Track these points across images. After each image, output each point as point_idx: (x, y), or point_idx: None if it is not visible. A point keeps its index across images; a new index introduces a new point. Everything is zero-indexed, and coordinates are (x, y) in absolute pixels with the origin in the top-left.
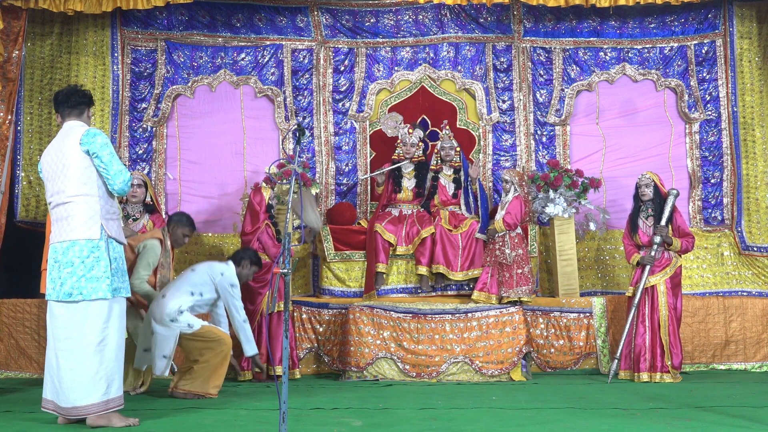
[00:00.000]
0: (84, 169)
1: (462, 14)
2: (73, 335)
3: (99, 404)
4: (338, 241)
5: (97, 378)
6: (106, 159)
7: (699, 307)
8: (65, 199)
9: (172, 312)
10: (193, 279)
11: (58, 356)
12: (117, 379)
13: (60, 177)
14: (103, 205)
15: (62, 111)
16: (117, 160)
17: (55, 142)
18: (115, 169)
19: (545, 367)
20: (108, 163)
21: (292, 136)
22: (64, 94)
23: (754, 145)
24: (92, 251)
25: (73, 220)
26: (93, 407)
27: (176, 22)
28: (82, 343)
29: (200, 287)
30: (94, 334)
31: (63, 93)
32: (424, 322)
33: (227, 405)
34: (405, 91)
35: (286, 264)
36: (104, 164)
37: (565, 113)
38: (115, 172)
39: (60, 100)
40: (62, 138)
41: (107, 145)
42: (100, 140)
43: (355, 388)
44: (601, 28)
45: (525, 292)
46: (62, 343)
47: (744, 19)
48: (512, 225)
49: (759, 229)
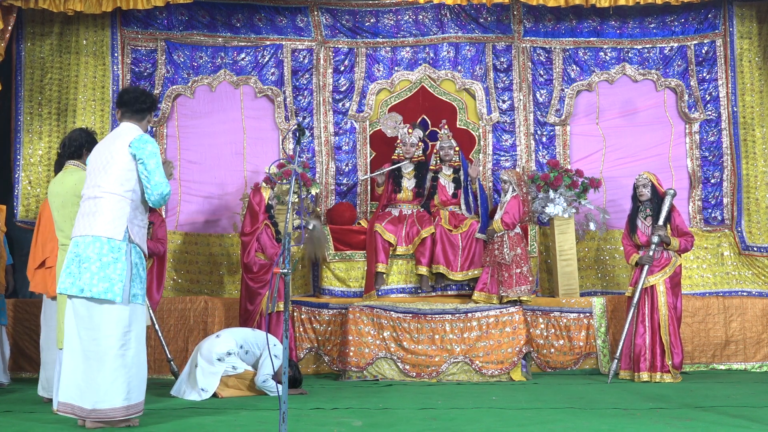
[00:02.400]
0: (126, 170)
1: (462, 14)
2: (99, 336)
3: (120, 409)
4: (338, 241)
5: (118, 382)
6: (151, 167)
7: (699, 307)
8: (98, 194)
9: (221, 352)
10: (249, 337)
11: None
12: (138, 386)
13: (100, 173)
14: (132, 210)
15: (123, 111)
16: (161, 172)
17: (106, 140)
18: (157, 180)
19: (545, 367)
20: (152, 172)
21: (292, 136)
22: (131, 97)
23: (754, 145)
24: (112, 251)
25: (99, 216)
26: (114, 411)
27: (176, 22)
28: (106, 345)
29: (249, 346)
30: (116, 338)
31: (129, 95)
32: (424, 322)
33: (227, 405)
34: (405, 91)
35: (286, 264)
36: (147, 172)
37: (565, 113)
38: (156, 183)
39: (124, 101)
40: (114, 137)
41: (155, 155)
42: (150, 148)
43: (355, 388)
44: (601, 28)
45: (524, 291)
46: (88, 343)
47: (744, 19)
48: (511, 225)
49: (759, 229)
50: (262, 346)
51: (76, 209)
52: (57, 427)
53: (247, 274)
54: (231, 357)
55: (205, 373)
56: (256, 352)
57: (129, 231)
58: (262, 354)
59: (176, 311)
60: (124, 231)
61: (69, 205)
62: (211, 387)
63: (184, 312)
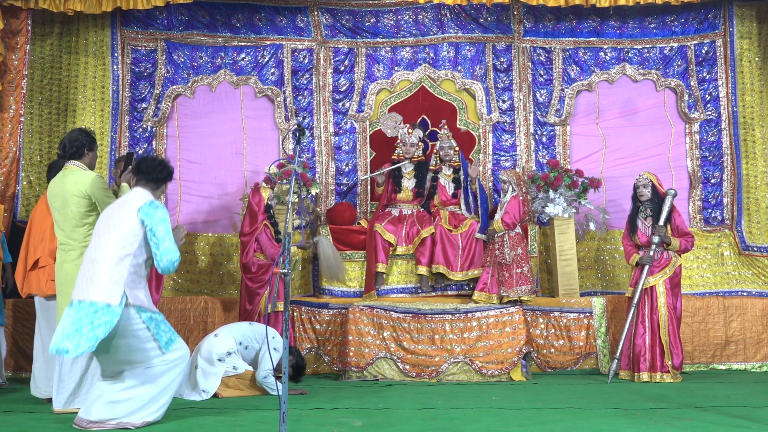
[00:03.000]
0: (129, 235)
1: (462, 14)
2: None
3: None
4: (338, 241)
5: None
6: (159, 234)
7: (699, 307)
8: (97, 257)
9: (221, 352)
10: (247, 332)
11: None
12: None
13: (104, 235)
14: (131, 274)
15: (139, 179)
16: (170, 238)
17: (116, 203)
18: (166, 246)
19: (545, 367)
20: (161, 238)
21: (292, 136)
22: (149, 166)
23: (754, 145)
24: (105, 314)
25: (96, 281)
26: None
27: (176, 22)
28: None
29: (248, 341)
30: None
31: (147, 164)
32: (424, 322)
33: (227, 405)
34: (405, 91)
35: (286, 264)
36: (157, 239)
37: (565, 113)
38: (165, 249)
39: (141, 169)
40: (124, 201)
41: (165, 221)
42: (160, 214)
43: (355, 388)
44: (601, 28)
45: (525, 291)
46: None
47: (744, 19)
48: (511, 225)
49: (759, 229)
50: (261, 340)
51: (78, 209)
52: (57, 427)
53: (246, 275)
54: (231, 357)
55: (206, 374)
56: (255, 346)
57: (127, 296)
58: (261, 348)
59: (176, 311)
60: (121, 296)
61: (70, 204)
62: (212, 388)
63: (184, 312)
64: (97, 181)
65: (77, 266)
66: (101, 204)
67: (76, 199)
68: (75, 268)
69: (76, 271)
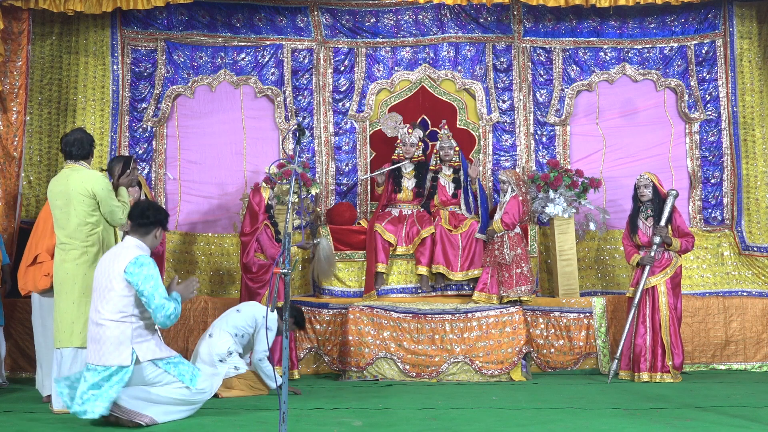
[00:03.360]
0: (122, 297)
1: (462, 14)
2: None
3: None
4: (338, 241)
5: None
6: (147, 293)
7: (699, 307)
8: (100, 321)
9: (221, 353)
10: (238, 321)
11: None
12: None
13: (101, 299)
14: (134, 330)
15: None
16: (159, 293)
17: (108, 256)
18: (157, 303)
19: (545, 367)
20: (150, 296)
21: (292, 136)
22: (138, 210)
23: (754, 145)
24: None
25: (104, 345)
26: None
27: (176, 22)
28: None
29: (242, 330)
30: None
31: (137, 208)
32: (424, 322)
33: (227, 405)
34: (405, 91)
35: (286, 264)
36: (146, 297)
37: (565, 113)
38: (157, 306)
39: (131, 214)
40: (114, 256)
41: (151, 277)
42: (145, 272)
43: (355, 388)
44: (601, 28)
45: (525, 291)
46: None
47: (744, 19)
48: (510, 225)
49: (759, 229)
50: (253, 323)
51: (83, 208)
52: (57, 427)
53: (246, 275)
54: (232, 357)
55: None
56: (249, 331)
57: (136, 352)
58: (255, 330)
59: None
60: (130, 355)
61: (74, 203)
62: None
63: (184, 312)
64: (103, 181)
65: (78, 265)
66: (104, 205)
67: (81, 197)
68: (76, 267)
69: (78, 270)
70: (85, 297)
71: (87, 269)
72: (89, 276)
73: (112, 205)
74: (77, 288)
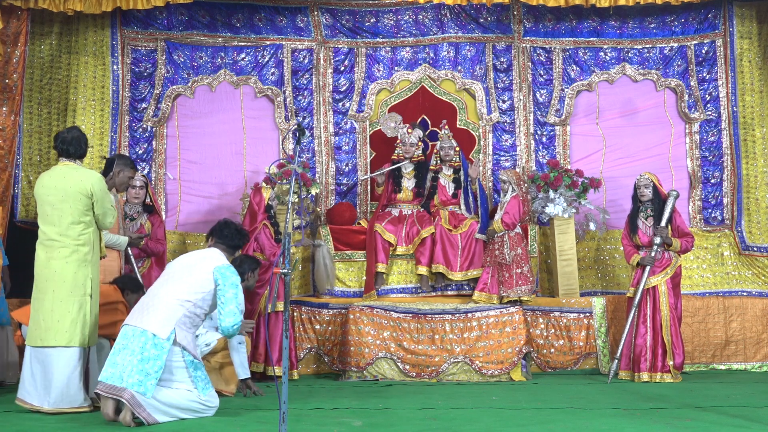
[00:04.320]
0: (199, 286)
1: (462, 14)
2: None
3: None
4: (338, 241)
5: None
6: (228, 296)
7: (699, 307)
8: (160, 293)
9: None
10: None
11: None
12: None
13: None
14: (184, 316)
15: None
16: (237, 303)
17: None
18: (230, 308)
19: (545, 367)
20: (228, 300)
21: (292, 136)
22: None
23: (754, 145)
24: (154, 347)
25: (152, 312)
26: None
27: (176, 22)
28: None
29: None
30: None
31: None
32: (424, 322)
33: (227, 405)
34: (405, 91)
35: (286, 264)
36: (224, 300)
37: (565, 113)
38: (229, 311)
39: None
40: (202, 256)
41: (236, 286)
42: (234, 280)
43: (355, 388)
44: (601, 28)
45: (525, 291)
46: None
47: (744, 19)
48: (511, 225)
49: (759, 229)
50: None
51: (79, 206)
52: (57, 427)
53: None
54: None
55: None
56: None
57: (176, 333)
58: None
59: None
60: (170, 331)
61: (70, 201)
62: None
63: None
64: (102, 181)
65: (68, 264)
66: (100, 206)
67: (79, 196)
68: (65, 266)
69: (67, 268)
70: (73, 296)
71: (77, 268)
72: (79, 275)
73: (107, 207)
74: (66, 286)
